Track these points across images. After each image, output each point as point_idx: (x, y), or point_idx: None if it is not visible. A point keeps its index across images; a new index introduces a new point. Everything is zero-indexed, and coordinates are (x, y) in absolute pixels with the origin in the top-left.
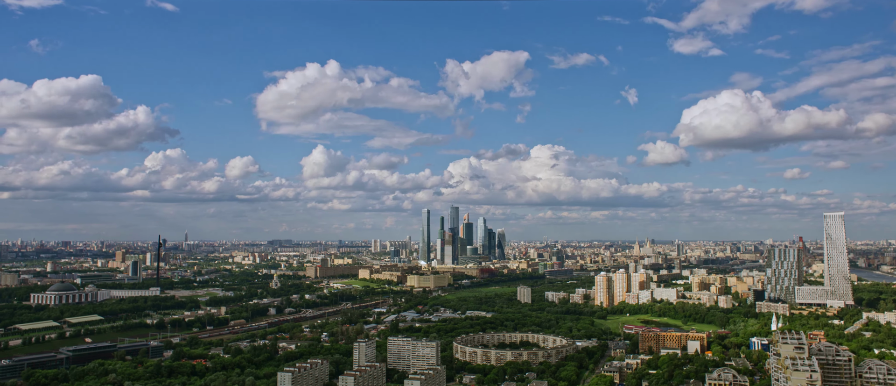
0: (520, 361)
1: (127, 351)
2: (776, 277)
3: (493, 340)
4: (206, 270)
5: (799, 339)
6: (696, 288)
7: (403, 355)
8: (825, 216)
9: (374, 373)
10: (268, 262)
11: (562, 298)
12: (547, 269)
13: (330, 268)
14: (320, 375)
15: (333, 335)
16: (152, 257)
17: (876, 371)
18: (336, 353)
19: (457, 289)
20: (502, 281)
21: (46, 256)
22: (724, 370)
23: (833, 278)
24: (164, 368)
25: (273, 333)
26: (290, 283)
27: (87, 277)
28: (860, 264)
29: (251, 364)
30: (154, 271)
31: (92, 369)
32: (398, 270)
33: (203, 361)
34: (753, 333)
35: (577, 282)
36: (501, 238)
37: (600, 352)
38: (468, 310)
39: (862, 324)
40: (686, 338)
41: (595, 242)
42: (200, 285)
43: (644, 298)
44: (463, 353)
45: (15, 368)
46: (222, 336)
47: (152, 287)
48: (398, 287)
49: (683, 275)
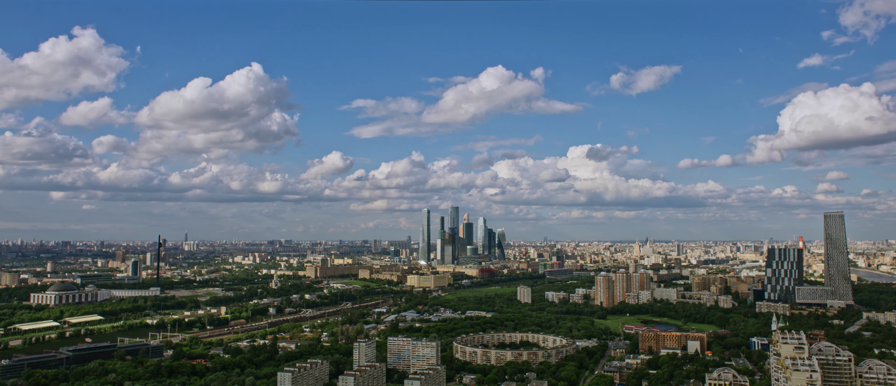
0: (520, 361)
1: (127, 351)
2: (776, 276)
3: (493, 340)
4: (206, 270)
5: (799, 339)
6: (696, 288)
7: (403, 355)
8: (825, 216)
9: (374, 373)
10: (268, 262)
11: (562, 298)
12: (547, 269)
13: (330, 268)
14: (320, 375)
15: (333, 335)
16: (153, 257)
17: (876, 371)
18: (336, 353)
19: (457, 289)
20: (502, 281)
21: (46, 255)
22: (724, 370)
23: (833, 278)
24: (164, 368)
25: (273, 333)
26: (290, 283)
27: (87, 277)
28: (860, 264)
29: (251, 364)
30: (154, 271)
31: (92, 369)
32: (398, 270)
33: (203, 361)
34: (753, 333)
35: (577, 282)
36: (501, 238)
37: (600, 352)
38: (468, 310)
39: (862, 324)
40: (686, 338)
41: (595, 241)
42: (200, 285)
43: (644, 297)
44: (463, 353)
45: (15, 367)
46: (222, 336)
47: (152, 287)
48: (398, 287)
49: (683, 275)
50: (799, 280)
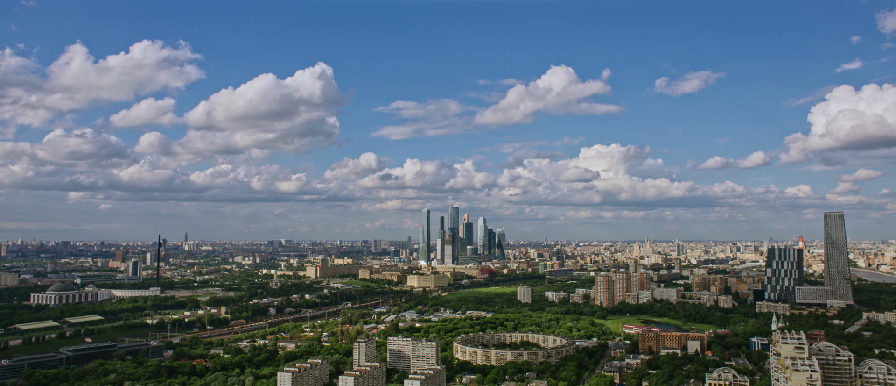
0: (520, 361)
1: (127, 351)
2: (776, 276)
3: (493, 340)
4: (206, 271)
5: (799, 339)
6: (697, 288)
7: (403, 355)
8: (825, 216)
9: (374, 373)
10: (268, 262)
11: (562, 298)
12: (547, 269)
13: (330, 268)
14: (320, 375)
15: (333, 335)
16: (153, 257)
17: (876, 371)
18: (336, 353)
19: (457, 289)
20: (502, 281)
21: (46, 255)
22: (724, 370)
23: (833, 278)
24: (165, 368)
25: (273, 333)
26: (291, 283)
27: (88, 277)
28: (861, 264)
29: (251, 364)
30: (154, 271)
31: (92, 369)
32: (398, 270)
33: (203, 361)
34: (753, 333)
35: (577, 282)
36: (501, 238)
37: (600, 352)
38: (468, 310)
39: (862, 324)
40: (686, 338)
41: (595, 241)
42: (201, 285)
43: (644, 297)
44: (463, 353)
45: (15, 367)
46: (222, 336)
47: (152, 287)
48: (398, 287)
49: (684, 275)
50: (799, 280)
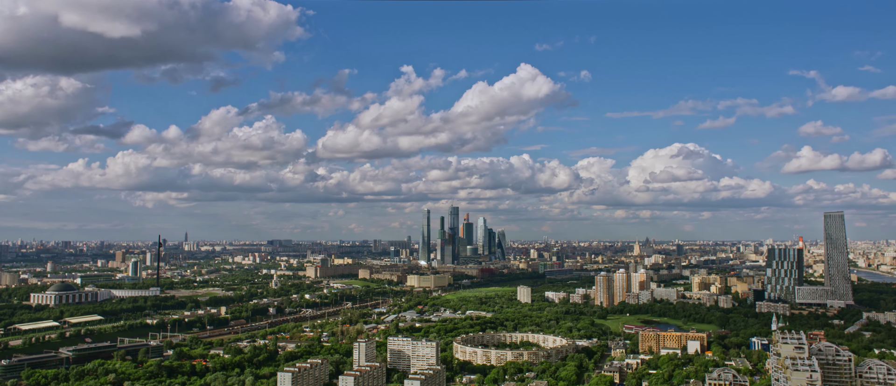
0: (520, 361)
1: (127, 351)
2: (776, 276)
3: (493, 339)
4: (206, 271)
5: (799, 339)
6: (697, 288)
7: (403, 355)
8: (825, 216)
9: (374, 373)
10: (268, 262)
11: (562, 298)
12: (547, 269)
13: (330, 268)
14: (320, 375)
15: (333, 335)
16: (153, 257)
17: (876, 371)
18: (336, 353)
19: (457, 289)
20: (502, 281)
21: (46, 255)
22: (724, 370)
23: (833, 278)
24: (165, 368)
25: (273, 333)
26: (291, 283)
27: (88, 277)
28: (861, 264)
29: (251, 364)
30: (154, 271)
31: (92, 369)
32: (398, 271)
33: (203, 361)
34: (753, 333)
35: (577, 282)
36: (501, 238)
37: (600, 352)
38: (468, 310)
39: (862, 324)
40: (686, 338)
41: (594, 241)
42: (200, 285)
43: (644, 297)
44: (463, 353)
45: (15, 367)
46: (222, 336)
47: (152, 287)
48: (398, 287)
49: (684, 275)
50: (799, 280)
